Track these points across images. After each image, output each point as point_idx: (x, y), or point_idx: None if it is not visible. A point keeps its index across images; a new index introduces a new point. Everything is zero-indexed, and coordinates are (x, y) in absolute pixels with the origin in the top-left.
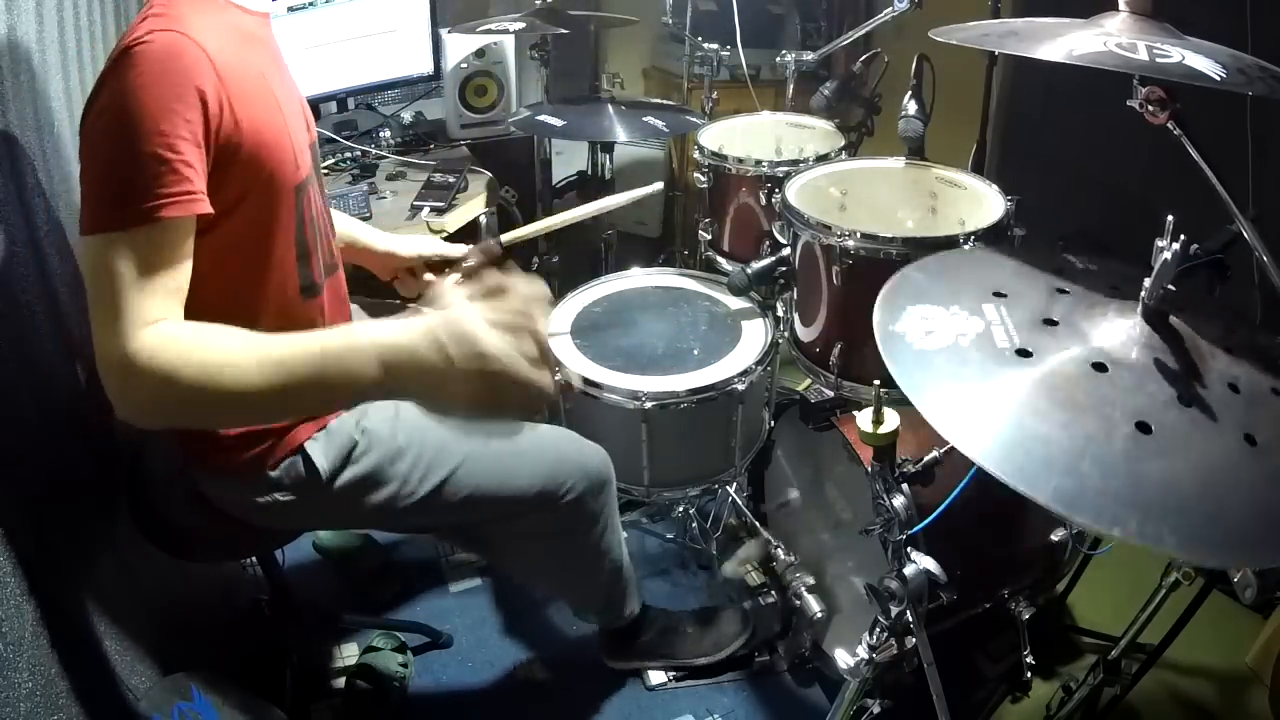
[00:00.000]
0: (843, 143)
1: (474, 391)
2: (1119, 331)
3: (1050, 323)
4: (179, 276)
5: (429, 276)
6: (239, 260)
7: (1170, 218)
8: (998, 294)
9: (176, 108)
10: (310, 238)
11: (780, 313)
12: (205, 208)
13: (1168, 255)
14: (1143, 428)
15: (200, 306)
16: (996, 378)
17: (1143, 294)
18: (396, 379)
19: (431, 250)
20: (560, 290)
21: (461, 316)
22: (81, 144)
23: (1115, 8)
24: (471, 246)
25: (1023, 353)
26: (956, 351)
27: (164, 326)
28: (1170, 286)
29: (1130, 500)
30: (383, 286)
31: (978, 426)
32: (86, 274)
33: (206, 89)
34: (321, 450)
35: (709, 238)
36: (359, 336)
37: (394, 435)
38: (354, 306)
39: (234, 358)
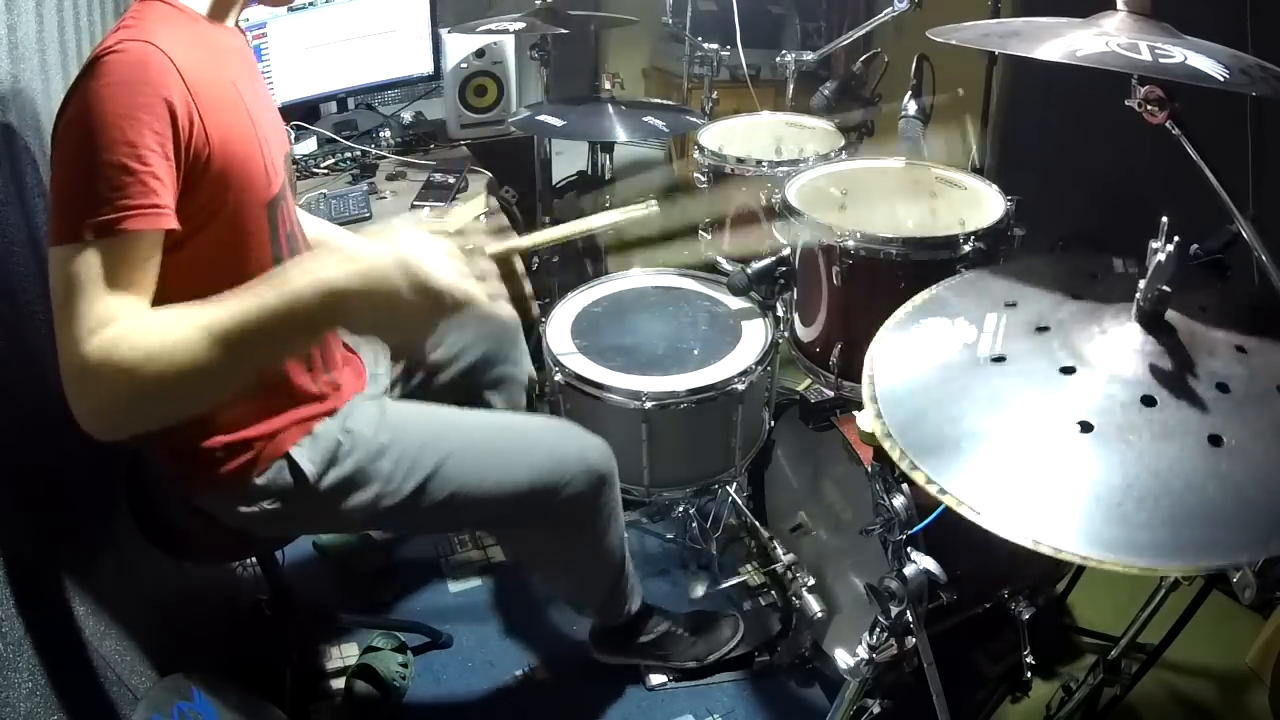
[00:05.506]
0: (843, 143)
1: (426, 315)
2: (1109, 337)
3: (1042, 329)
4: (143, 290)
5: None
6: (212, 279)
7: (1164, 218)
8: (1009, 304)
9: (144, 118)
10: (286, 253)
11: (780, 313)
12: (171, 223)
13: (1161, 257)
14: (1085, 427)
15: None
16: (961, 381)
17: (1137, 296)
18: (345, 318)
19: None
20: (560, 290)
21: (412, 250)
22: (52, 154)
23: (1113, 8)
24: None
25: (998, 359)
26: (939, 361)
27: (112, 326)
28: (1165, 288)
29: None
30: None
31: (914, 422)
32: (51, 285)
33: (175, 100)
34: (307, 455)
35: (709, 238)
36: (302, 283)
37: (376, 434)
38: None
39: (179, 335)
